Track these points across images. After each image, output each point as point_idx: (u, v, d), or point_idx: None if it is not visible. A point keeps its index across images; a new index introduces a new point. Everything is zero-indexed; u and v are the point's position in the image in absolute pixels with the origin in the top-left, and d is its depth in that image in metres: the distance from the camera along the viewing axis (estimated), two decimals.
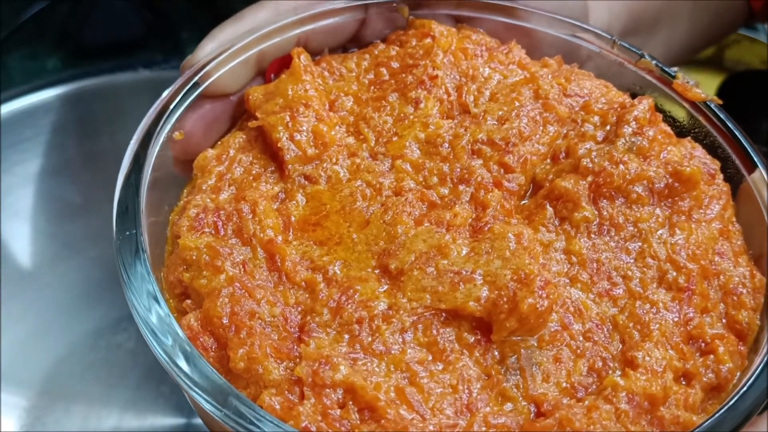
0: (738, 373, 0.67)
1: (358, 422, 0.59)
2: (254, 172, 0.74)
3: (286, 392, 0.60)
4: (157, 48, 1.35)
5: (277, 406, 0.59)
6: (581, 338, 0.66)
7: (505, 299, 0.63)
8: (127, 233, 0.66)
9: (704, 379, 0.66)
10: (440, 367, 0.63)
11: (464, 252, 0.66)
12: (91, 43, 1.36)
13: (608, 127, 0.76)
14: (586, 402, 0.62)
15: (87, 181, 1.33)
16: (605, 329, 0.67)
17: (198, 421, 1.21)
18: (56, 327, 1.28)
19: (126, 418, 1.21)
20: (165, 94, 0.75)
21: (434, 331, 0.64)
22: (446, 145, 0.74)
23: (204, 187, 0.72)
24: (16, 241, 1.30)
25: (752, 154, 0.76)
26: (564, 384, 0.64)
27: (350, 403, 0.59)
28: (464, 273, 0.65)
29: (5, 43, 1.33)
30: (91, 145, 1.33)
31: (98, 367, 1.26)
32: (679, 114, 0.81)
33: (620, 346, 0.66)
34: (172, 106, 0.74)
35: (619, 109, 0.76)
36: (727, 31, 1.23)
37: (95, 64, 1.32)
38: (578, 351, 0.65)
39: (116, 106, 1.32)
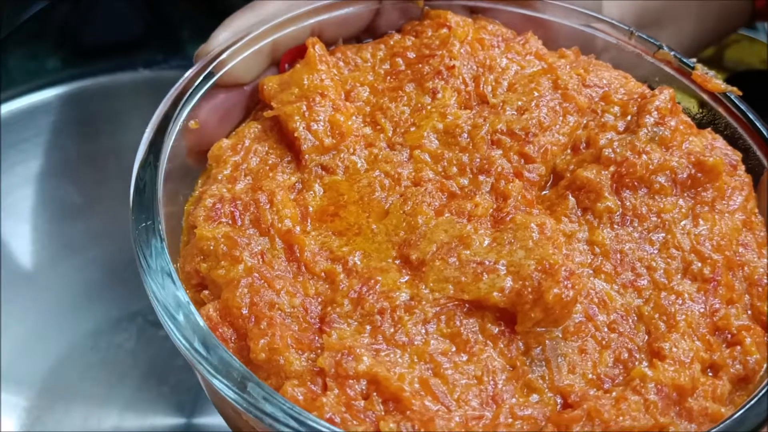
0: (765, 365, 0.65)
1: (383, 413, 0.57)
2: (270, 162, 0.72)
3: (309, 383, 0.58)
4: (157, 48, 1.33)
5: (300, 397, 0.57)
6: (606, 329, 0.64)
7: (529, 289, 0.61)
8: (145, 223, 0.65)
9: (731, 370, 0.64)
10: (464, 359, 0.61)
11: (486, 242, 0.65)
12: (91, 43, 1.34)
13: (629, 118, 0.74)
14: (614, 393, 0.60)
15: (87, 181, 1.31)
16: (630, 320, 0.65)
17: (198, 421, 1.19)
18: (56, 327, 1.26)
19: (126, 418, 1.19)
20: (180, 82, 0.73)
21: (457, 322, 0.62)
22: (465, 135, 0.72)
23: (220, 177, 0.70)
24: (16, 241, 1.28)
25: None
26: (590, 375, 0.62)
27: (374, 394, 0.58)
28: (487, 263, 0.63)
29: (5, 43, 1.31)
30: (91, 145, 1.31)
31: (98, 367, 1.23)
32: (693, 108, 0.80)
33: (646, 337, 0.65)
34: (187, 95, 0.72)
35: (639, 100, 0.75)
36: (732, 29, 1.22)
37: (95, 64, 1.30)
38: (603, 342, 0.64)
39: (116, 106, 1.30)
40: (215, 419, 1.19)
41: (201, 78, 0.73)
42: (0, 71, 1.28)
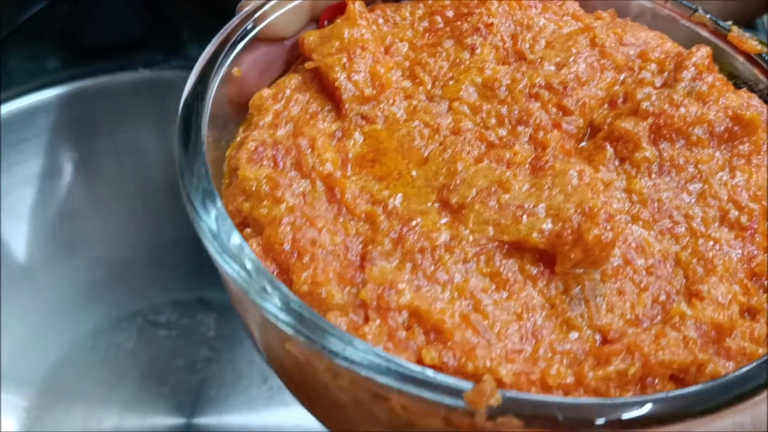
0: None
1: (425, 344, 0.58)
2: (311, 110, 0.72)
3: (351, 314, 0.59)
4: (157, 48, 1.33)
5: (344, 326, 0.58)
6: (644, 273, 0.65)
7: (569, 231, 0.62)
8: (192, 165, 0.64)
9: None
10: (504, 296, 0.62)
11: (525, 188, 0.65)
12: (91, 43, 1.35)
13: (666, 74, 0.75)
14: (653, 330, 0.61)
15: (87, 181, 1.33)
16: (668, 265, 0.66)
17: (198, 421, 1.21)
18: (56, 327, 1.27)
19: (126, 418, 1.20)
20: (223, 30, 0.73)
21: (497, 263, 0.63)
22: (503, 89, 0.73)
23: (261, 124, 0.71)
24: (16, 241, 1.29)
25: None
26: (628, 315, 0.63)
27: (416, 325, 0.58)
28: (526, 206, 0.64)
29: (5, 43, 1.32)
30: (92, 145, 1.32)
31: (98, 367, 1.25)
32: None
33: (684, 281, 0.65)
34: (231, 42, 0.73)
35: (676, 58, 0.76)
36: (750, 16, 1.22)
37: (95, 64, 1.32)
38: (642, 285, 0.64)
39: (116, 106, 1.32)
40: (215, 419, 1.20)
41: (244, 28, 0.73)
42: (0, 71, 1.27)
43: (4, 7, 1.30)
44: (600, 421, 0.53)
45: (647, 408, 0.54)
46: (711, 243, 0.67)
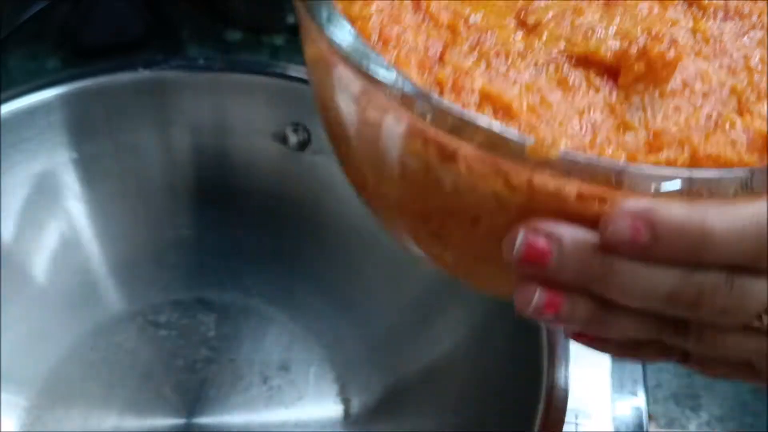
0: None
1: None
2: None
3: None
4: (157, 48, 1.34)
5: None
6: (701, 95, 0.69)
7: (635, 48, 0.67)
8: None
9: None
10: (569, 97, 0.67)
11: (598, 15, 0.71)
12: (91, 43, 1.35)
13: None
14: (704, 132, 0.66)
15: (87, 181, 1.32)
16: (723, 92, 0.70)
17: (198, 421, 1.20)
18: (56, 327, 1.27)
19: (126, 418, 1.20)
20: None
21: (565, 71, 0.68)
22: None
23: None
24: (16, 241, 1.28)
25: None
26: (683, 126, 0.67)
27: (486, 106, 0.64)
28: (597, 29, 0.70)
29: (5, 43, 1.32)
30: (92, 145, 1.31)
31: (98, 367, 1.24)
32: None
33: (737, 105, 0.69)
34: None
35: None
36: None
37: (95, 64, 1.31)
38: (697, 104, 0.69)
39: (116, 106, 1.31)
40: (215, 419, 1.21)
41: None
42: (0, 71, 1.26)
43: (4, 7, 1.31)
44: (651, 188, 0.58)
45: (686, 180, 0.58)
46: (766, 77, 0.71)
